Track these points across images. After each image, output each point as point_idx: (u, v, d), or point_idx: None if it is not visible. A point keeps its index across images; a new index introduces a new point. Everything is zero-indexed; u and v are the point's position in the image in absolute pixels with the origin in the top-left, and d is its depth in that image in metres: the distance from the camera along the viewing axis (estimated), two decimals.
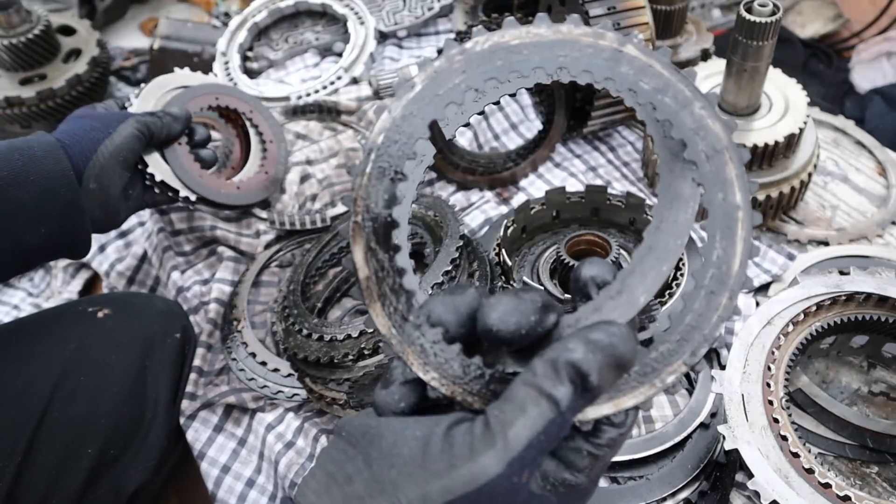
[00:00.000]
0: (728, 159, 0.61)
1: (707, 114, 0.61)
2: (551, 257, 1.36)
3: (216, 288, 1.46)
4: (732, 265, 0.60)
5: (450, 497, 0.54)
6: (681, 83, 0.62)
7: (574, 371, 0.54)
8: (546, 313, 0.59)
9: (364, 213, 0.61)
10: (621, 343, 0.55)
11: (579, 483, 0.58)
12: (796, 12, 2.85)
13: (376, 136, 0.62)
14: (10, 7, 1.77)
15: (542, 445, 0.54)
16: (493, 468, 0.53)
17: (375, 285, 0.61)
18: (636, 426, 1.19)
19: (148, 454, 1.27)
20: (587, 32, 0.62)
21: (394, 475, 0.56)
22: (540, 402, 0.54)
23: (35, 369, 1.20)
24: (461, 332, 0.61)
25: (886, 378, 1.22)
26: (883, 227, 1.46)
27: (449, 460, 0.54)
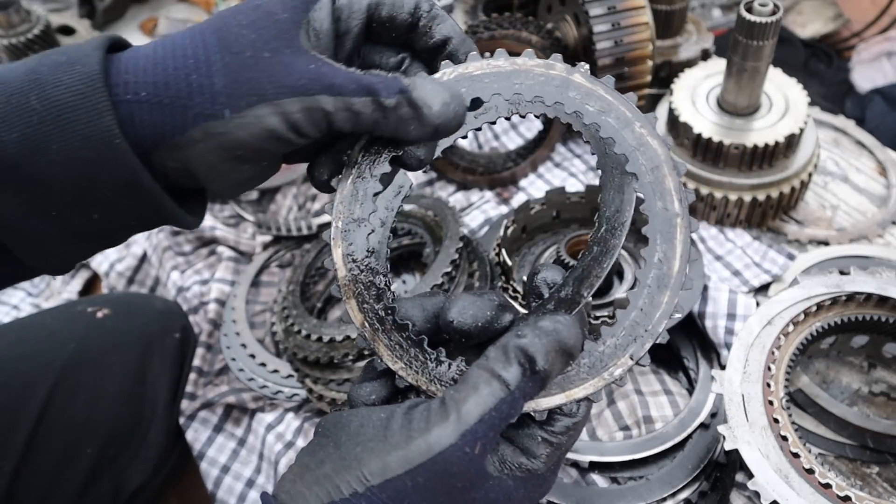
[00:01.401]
0: (666, 172, 0.68)
1: (646, 132, 0.69)
2: (551, 257, 1.36)
3: (216, 288, 1.46)
4: (672, 266, 0.67)
5: (408, 466, 0.59)
6: (622, 106, 0.69)
7: (522, 354, 0.61)
8: (502, 312, 0.67)
9: (343, 220, 0.69)
10: (565, 329, 0.62)
11: (535, 468, 0.64)
12: (796, 12, 2.85)
13: (356, 153, 0.69)
14: (10, 7, 1.76)
15: (494, 422, 0.60)
16: (447, 439, 0.59)
17: (352, 283, 0.69)
18: (636, 426, 1.19)
19: (147, 454, 1.28)
20: (539, 63, 0.70)
21: (358, 451, 0.61)
22: (491, 382, 0.60)
23: (35, 369, 1.20)
24: (427, 328, 0.69)
25: (887, 378, 1.22)
26: (883, 227, 1.46)
27: (407, 434, 0.60)
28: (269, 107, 0.64)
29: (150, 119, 0.64)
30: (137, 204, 0.67)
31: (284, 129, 0.65)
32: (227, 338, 1.38)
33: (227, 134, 0.64)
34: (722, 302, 1.27)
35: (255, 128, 0.64)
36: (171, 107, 0.64)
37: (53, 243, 0.68)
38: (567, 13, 1.57)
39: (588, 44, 1.46)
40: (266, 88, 0.64)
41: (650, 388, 1.24)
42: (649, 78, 1.50)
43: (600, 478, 1.15)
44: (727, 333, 1.24)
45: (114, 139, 0.63)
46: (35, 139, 0.62)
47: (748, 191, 1.42)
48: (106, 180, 0.64)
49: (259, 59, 0.65)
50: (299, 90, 0.64)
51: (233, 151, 0.65)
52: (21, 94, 0.63)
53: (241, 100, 0.64)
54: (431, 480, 0.59)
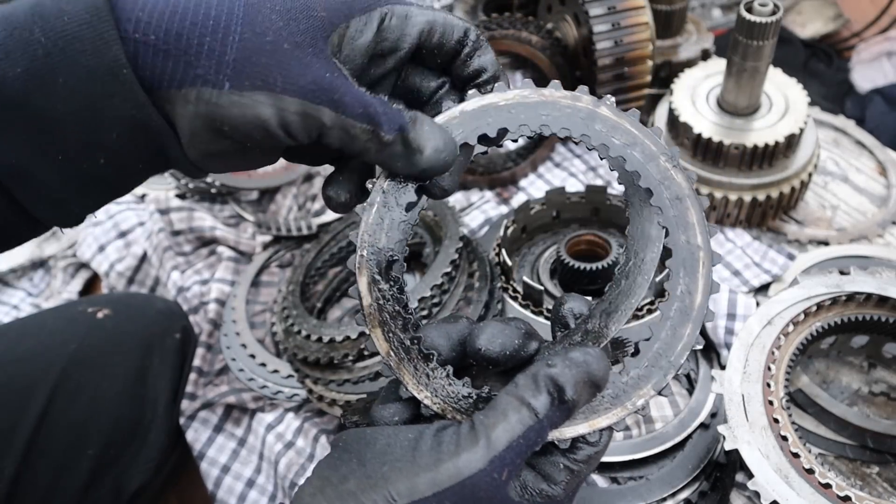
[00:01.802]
0: (689, 206, 0.70)
1: (671, 166, 0.70)
2: (551, 257, 1.36)
3: (216, 288, 1.46)
4: (695, 299, 0.68)
5: (436, 489, 0.59)
6: (647, 139, 0.70)
7: (552, 384, 0.61)
8: (529, 339, 0.67)
9: (369, 249, 0.69)
10: (595, 362, 0.63)
11: (555, 495, 0.64)
12: (796, 12, 2.85)
13: (382, 180, 0.70)
14: None
15: (521, 449, 0.60)
16: (477, 464, 0.59)
17: (377, 312, 0.69)
18: (636, 426, 1.19)
19: (148, 454, 1.28)
20: (566, 95, 0.71)
21: (385, 471, 0.60)
22: (520, 410, 0.61)
23: (35, 369, 1.20)
24: (452, 357, 0.70)
25: (887, 378, 1.22)
26: (883, 227, 1.46)
27: (437, 456, 0.60)
28: (270, 97, 0.62)
29: (151, 63, 0.61)
30: (144, 142, 0.65)
31: (275, 125, 0.63)
32: (227, 338, 1.38)
33: (219, 106, 0.62)
34: (722, 302, 1.27)
35: (247, 111, 0.62)
36: (175, 58, 0.61)
37: (61, 190, 0.65)
38: (567, 13, 1.57)
39: (588, 44, 1.46)
40: (275, 79, 0.62)
41: None
42: (649, 78, 1.50)
43: (600, 478, 1.15)
44: (727, 333, 1.24)
45: (121, 69, 0.60)
46: (40, 73, 0.59)
47: (748, 191, 1.42)
48: (112, 115, 0.62)
49: (278, 47, 0.63)
50: (306, 94, 0.63)
51: (219, 125, 0.63)
52: (24, 27, 0.60)
53: (245, 79, 0.62)
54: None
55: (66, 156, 0.63)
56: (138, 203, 1.67)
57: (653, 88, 1.60)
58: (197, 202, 1.63)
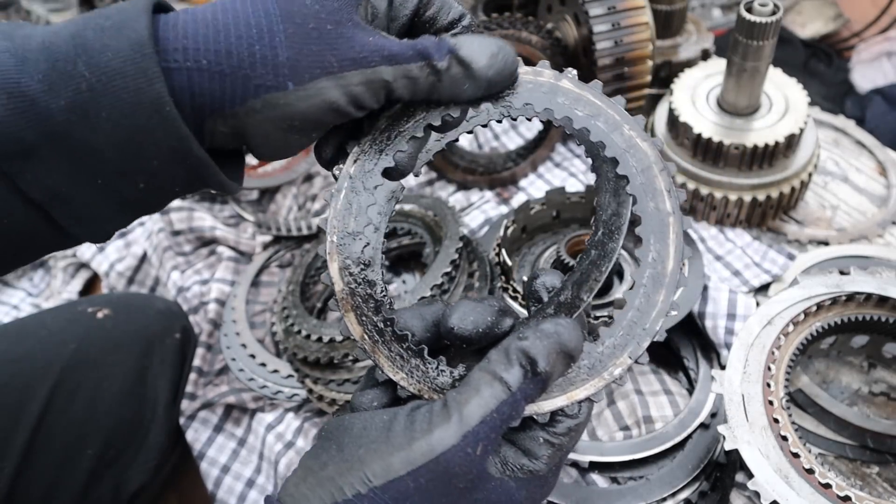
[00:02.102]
0: (657, 172, 0.69)
1: (636, 134, 0.70)
2: (551, 257, 1.36)
3: (216, 288, 1.46)
4: (667, 265, 0.68)
5: (410, 467, 0.59)
6: (611, 109, 0.71)
7: (524, 356, 0.62)
8: (502, 316, 0.68)
9: (338, 234, 0.70)
10: (566, 332, 0.63)
11: (537, 469, 0.65)
12: (796, 12, 2.85)
13: (349, 166, 0.70)
14: (10, 7, 1.77)
15: (495, 423, 0.60)
16: (449, 440, 0.59)
17: (349, 297, 0.69)
18: (636, 426, 1.19)
19: (148, 454, 1.28)
20: (527, 70, 0.71)
21: (361, 453, 0.61)
22: (493, 384, 0.61)
23: (35, 369, 1.20)
24: (426, 337, 0.70)
25: (887, 378, 1.22)
26: (883, 227, 1.46)
27: (410, 435, 0.60)
28: (332, 79, 0.64)
29: (209, 87, 0.62)
30: (183, 171, 0.66)
31: (345, 102, 0.65)
32: (227, 338, 1.38)
33: (289, 106, 0.64)
34: (722, 302, 1.27)
35: (316, 100, 0.64)
36: (232, 76, 0.62)
37: (98, 211, 0.67)
38: (567, 13, 1.57)
39: (588, 44, 1.46)
40: (330, 61, 0.64)
41: (650, 388, 1.24)
42: (649, 78, 1.50)
43: (600, 478, 1.15)
44: (727, 333, 1.24)
45: (164, 106, 0.61)
46: (84, 107, 0.60)
47: (748, 191, 1.42)
48: (154, 148, 0.63)
49: (322, 31, 0.64)
50: (361, 62, 0.64)
51: (291, 122, 0.65)
52: (67, 59, 0.60)
53: (304, 73, 0.63)
54: (433, 481, 0.59)
55: (105, 181, 0.65)
56: None
57: (653, 88, 1.60)
58: (197, 202, 1.63)
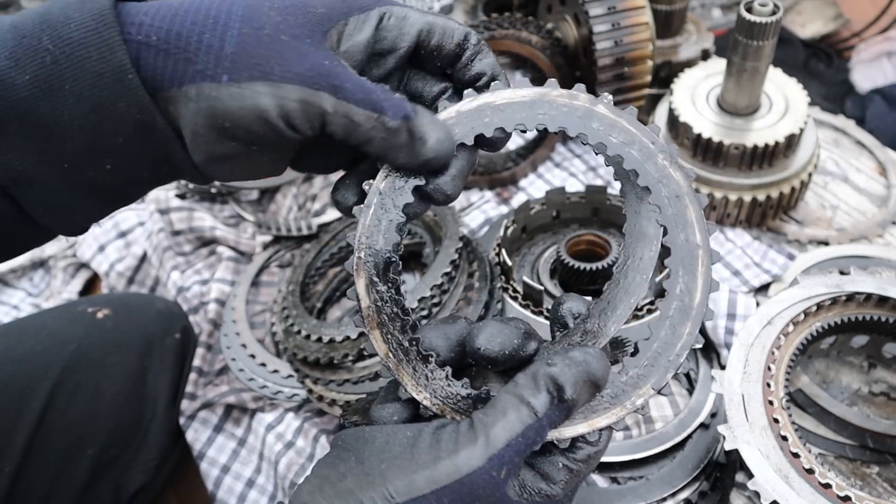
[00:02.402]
0: (688, 203, 0.69)
1: (669, 164, 0.69)
2: (551, 257, 1.36)
3: (216, 288, 1.46)
4: (694, 298, 0.68)
5: (435, 486, 0.59)
6: (645, 137, 0.70)
7: (552, 382, 0.61)
8: (528, 339, 0.67)
9: (366, 251, 0.69)
10: (594, 361, 0.63)
11: (554, 494, 0.64)
12: (796, 12, 2.85)
13: (379, 182, 0.69)
14: (10, 7, 1.76)
15: (520, 447, 0.60)
16: (475, 461, 0.59)
17: (375, 314, 0.69)
18: (636, 426, 1.19)
19: (148, 454, 1.28)
20: (563, 94, 0.70)
21: (384, 468, 0.60)
22: (520, 409, 0.60)
23: (35, 369, 1.20)
24: (451, 357, 0.70)
25: (887, 378, 1.22)
26: (883, 227, 1.46)
27: (435, 454, 0.60)
28: (269, 86, 0.62)
29: (153, 63, 0.62)
30: (149, 148, 0.65)
31: (275, 115, 0.63)
32: (227, 338, 1.38)
33: (219, 101, 0.62)
34: (722, 302, 1.27)
35: (247, 102, 0.62)
36: (175, 57, 0.62)
37: (66, 199, 0.66)
38: (567, 13, 1.57)
39: (588, 44, 1.46)
40: (272, 68, 0.62)
41: None
42: (649, 78, 1.50)
43: (600, 478, 1.15)
44: (727, 333, 1.24)
45: (126, 74, 0.61)
46: (48, 79, 0.60)
47: (748, 191, 1.42)
48: (117, 120, 0.62)
49: (276, 39, 0.63)
50: (305, 80, 0.62)
51: (220, 121, 0.63)
52: (33, 35, 0.61)
53: (243, 70, 0.62)
54: (456, 502, 0.59)
55: (71, 162, 0.64)
56: (138, 203, 1.67)
57: (653, 88, 1.60)
58: (197, 202, 1.63)
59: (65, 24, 0.61)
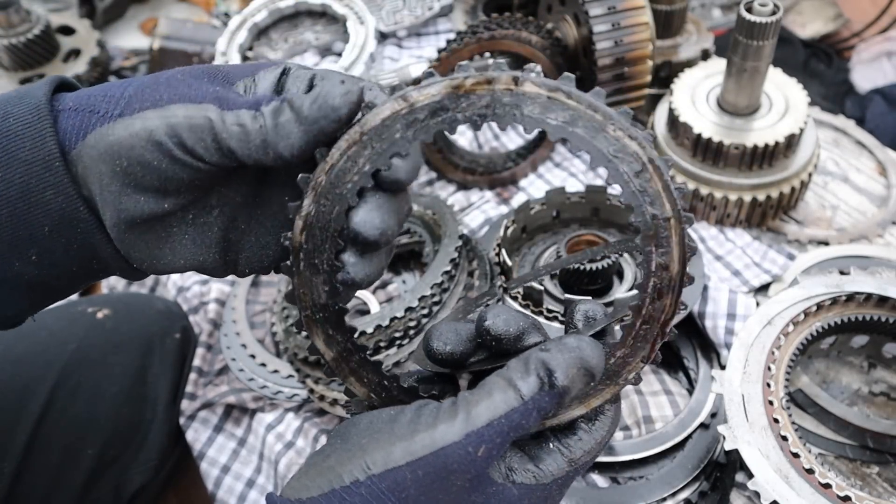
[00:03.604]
0: (651, 173, 0.62)
1: (623, 133, 0.62)
2: (551, 257, 1.36)
3: (216, 288, 1.46)
4: (672, 269, 0.64)
5: (410, 458, 0.59)
6: (590, 110, 0.61)
7: (542, 367, 0.61)
8: (534, 329, 0.67)
9: (311, 307, 0.66)
10: (588, 348, 0.62)
11: (542, 479, 0.64)
12: (796, 12, 2.85)
13: (298, 235, 0.64)
14: (10, 7, 1.76)
15: (502, 428, 0.60)
16: (451, 436, 0.59)
17: (345, 363, 0.68)
18: (636, 426, 1.19)
19: (148, 454, 1.28)
20: (479, 79, 0.62)
21: (364, 443, 0.62)
22: (506, 390, 0.60)
23: (35, 369, 1.20)
24: (460, 351, 0.69)
25: (887, 378, 1.22)
26: (883, 227, 1.46)
27: (414, 427, 0.61)
28: (156, 111, 0.63)
29: (65, 126, 0.65)
30: (73, 239, 0.66)
31: (163, 133, 0.62)
32: (227, 338, 1.38)
33: (112, 135, 0.63)
34: (722, 302, 1.27)
35: (136, 127, 0.63)
36: (81, 113, 0.65)
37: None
38: (567, 13, 1.57)
39: (588, 44, 1.46)
40: (161, 96, 0.64)
41: (650, 388, 1.24)
42: (649, 78, 1.50)
43: (600, 478, 1.15)
44: (727, 333, 1.24)
45: (54, 161, 0.64)
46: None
47: (748, 191, 1.42)
48: (44, 208, 0.64)
49: (172, 81, 0.65)
50: (190, 99, 0.63)
51: (118, 160, 0.63)
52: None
53: (135, 104, 0.64)
54: (431, 475, 0.59)
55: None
56: None
57: (653, 88, 1.60)
58: None
59: (4, 118, 0.65)
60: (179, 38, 1.96)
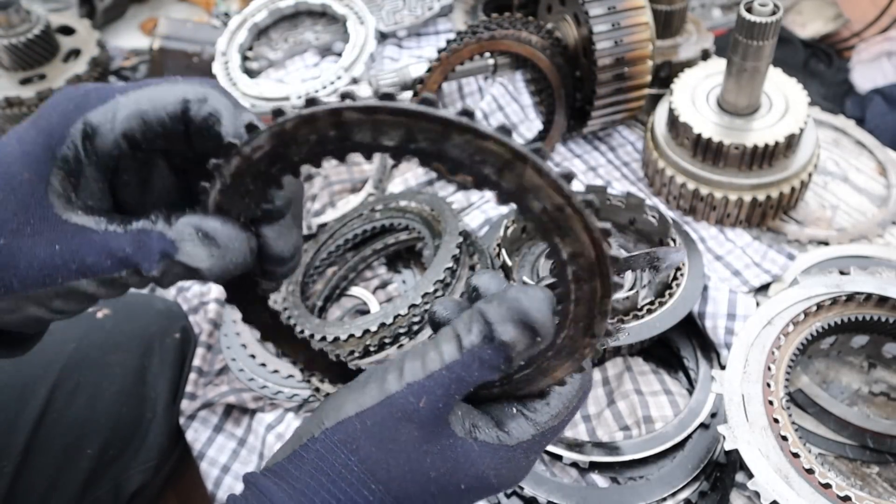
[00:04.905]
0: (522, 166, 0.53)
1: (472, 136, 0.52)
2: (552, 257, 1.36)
3: (216, 288, 1.46)
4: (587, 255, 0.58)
5: (358, 409, 0.61)
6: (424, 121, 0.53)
7: (482, 319, 0.60)
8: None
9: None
10: (526, 300, 0.59)
11: (505, 440, 0.65)
12: (796, 12, 2.85)
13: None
14: (10, 7, 1.77)
15: (443, 381, 0.60)
16: (394, 386, 0.61)
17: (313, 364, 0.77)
18: (636, 426, 1.19)
19: (148, 454, 1.28)
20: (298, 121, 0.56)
21: (324, 404, 0.64)
22: (451, 342, 0.61)
23: (35, 369, 1.20)
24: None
25: (887, 378, 1.22)
26: (883, 227, 1.46)
27: (365, 381, 0.63)
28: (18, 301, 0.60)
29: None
30: None
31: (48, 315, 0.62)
32: (227, 338, 1.38)
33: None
34: (722, 302, 1.27)
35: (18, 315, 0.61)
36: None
37: None
38: (567, 13, 1.57)
39: (588, 44, 1.46)
40: (10, 282, 0.59)
41: (650, 388, 1.24)
42: (649, 78, 1.50)
43: (600, 478, 1.15)
44: (727, 333, 1.24)
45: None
46: None
47: (748, 191, 1.42)
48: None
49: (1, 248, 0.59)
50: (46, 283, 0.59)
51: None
52: None
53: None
54: (378, 425, 0.60)
55: None
56: None
57: (653, 88, 1.60)
58: None
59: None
60: (179, 37, 1.97)
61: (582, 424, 1.21)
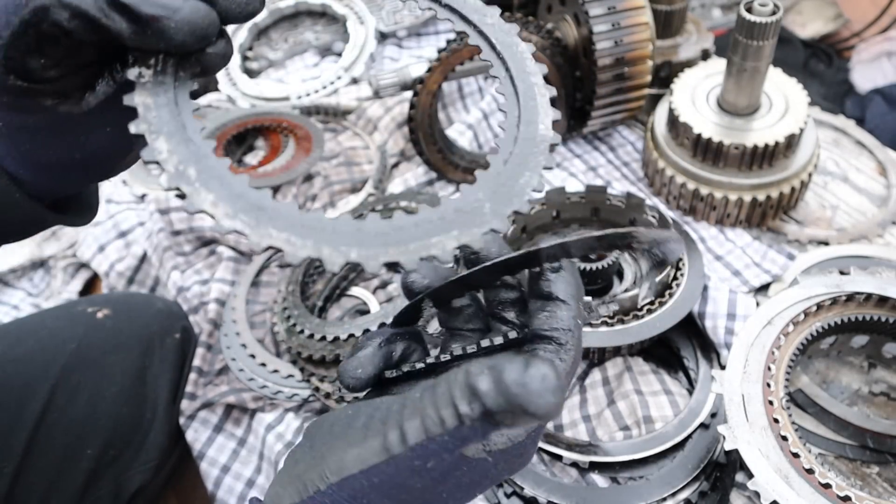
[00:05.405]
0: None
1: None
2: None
3: (216, 288, 1.46)
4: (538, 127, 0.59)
5: (362, 466, 0.57)
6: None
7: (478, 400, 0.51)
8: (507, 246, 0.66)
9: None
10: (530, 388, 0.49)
11: (518, 441, 0.63)
12: (796, 12, 2.85)
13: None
14: None
15: (448, 445, 0.54)
16: (398, 448, 0.55)
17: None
18: (636, 426, 1.19)
19: (148, 454, 1.28)
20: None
21: (324, 449, 0.60)
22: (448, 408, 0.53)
23: (35, 369, 1.20)
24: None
25: (887, 378, 1.22)
26: (883, 227, 1.46)
27: (365, 433, 0.58)
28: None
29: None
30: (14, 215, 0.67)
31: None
32: (227, 338, 1.38)
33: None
34: (722, 302, 1.27)
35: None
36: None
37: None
38: (567, 13, 1.57)
39: (588, 44, 1.46)
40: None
41: (650, 388, 1.24)
42: (649, 78, 1.50)
43: (600, 478, 1.15)
44: (727, 333, 1.24)
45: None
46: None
47: (748, 191, 1.42)
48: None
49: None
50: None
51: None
52: None
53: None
54: (386, 483, 0.57)
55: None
56: (138, 203, 1.67)
57: (653, 88, 1.60)
58: None
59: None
60: None
61: (582, 424, 1.21)
